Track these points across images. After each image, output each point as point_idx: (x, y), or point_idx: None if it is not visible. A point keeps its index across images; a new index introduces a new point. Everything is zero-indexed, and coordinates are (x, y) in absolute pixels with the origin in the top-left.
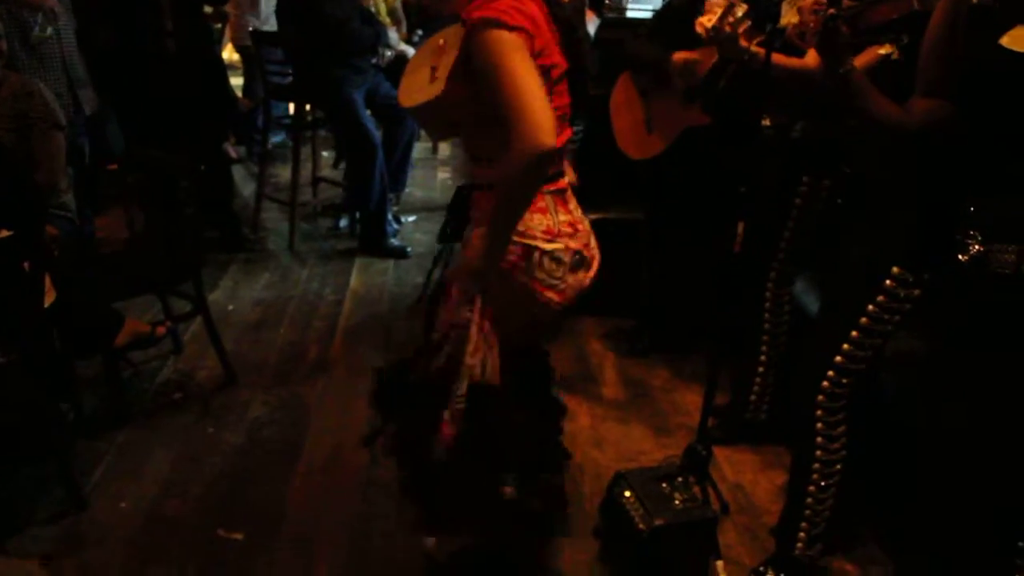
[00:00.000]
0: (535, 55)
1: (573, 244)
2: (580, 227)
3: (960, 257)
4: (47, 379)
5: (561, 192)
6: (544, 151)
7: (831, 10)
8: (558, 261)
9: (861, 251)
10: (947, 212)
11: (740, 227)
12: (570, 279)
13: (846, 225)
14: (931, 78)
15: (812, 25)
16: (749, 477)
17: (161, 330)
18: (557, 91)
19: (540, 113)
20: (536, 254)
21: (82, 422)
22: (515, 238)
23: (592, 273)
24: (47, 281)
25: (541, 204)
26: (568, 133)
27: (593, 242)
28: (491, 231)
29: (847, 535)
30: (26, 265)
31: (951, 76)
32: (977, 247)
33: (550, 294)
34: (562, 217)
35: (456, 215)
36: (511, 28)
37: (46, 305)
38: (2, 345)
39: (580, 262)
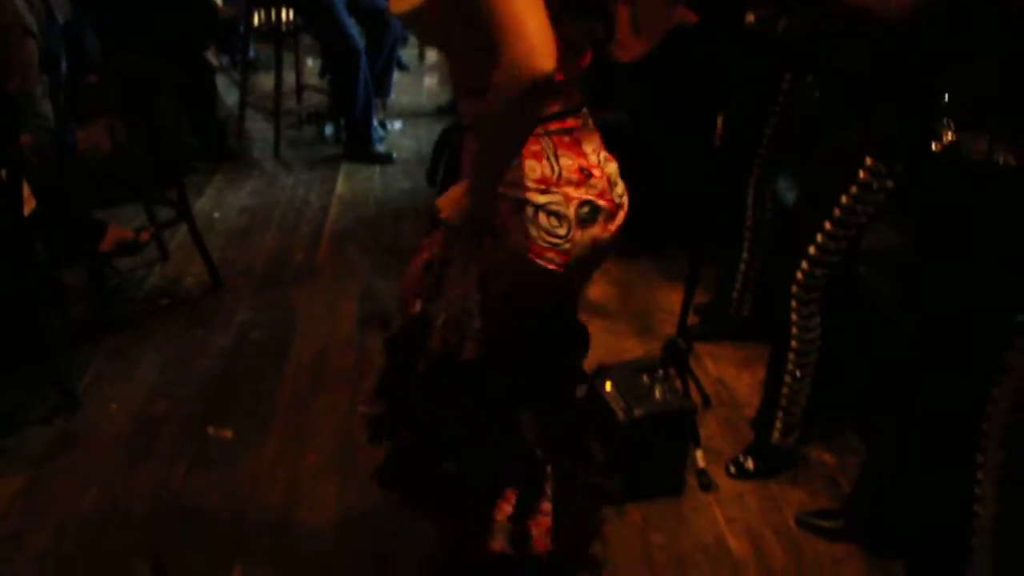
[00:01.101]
0: None
1: (580, 194)
2: (596, 173)
3: (934, 146)
4: (33, 285)
5: (569, 131)
6: (538, 76)
7: None
8: (557, 216)
9: (837, 143)
10: (922, 103)
11: (720, 121)
12: (578, 235)
13: (824, 118)
14: None
15: None
16: (731, 372)
17: (145, 236)
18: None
19: (535, 31)
20: (528, 209)
21: (71, 329)
22: (502, 190)
23: (615, 226)
24: (26, 189)
25: (535, 147)
26: (588, 58)
27: (618, 190)
28: (473, 180)
29: (825, 425)
30: (2, 173)
31: None
32: (950, 135)
33: (550, 254)
34: (567, 162)
35: (440, 160)
36: None
37: (26, 213)
38: None
39: (592, 214)
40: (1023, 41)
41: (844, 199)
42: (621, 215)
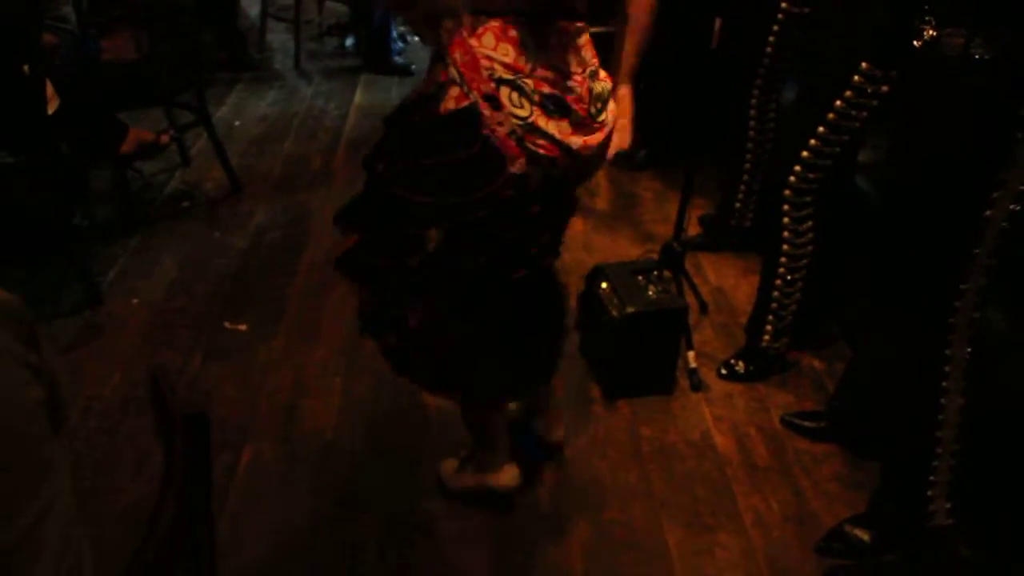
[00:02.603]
0: None
1: (550, 90)
2: (576, 79)
3: (915, 43)
4: (57, 182)
5: (558, 34)
6: None
7: None
8: (520, 92)
9: (832, 48)
10: (906, 3)
11: (717, 24)
12: (541, 121)
13: (820, 24)
14: None
15: None
16: (731, 281)
17: (165, 138)
18: None
19: None
20: (493, 84)
21: (96, 228)
22: (479, 61)
23: (595, 140)
24: (50, 88)
25: (512, 33)
26: None
27: (598, 105)
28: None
29: (817, 333)
30: (26, 68)
31: None
32: (930, 31)
33: (510, 140)
34: (544, 60)
35: None
36: None
37: (50, 112)
38: (9, 146)
39: (559, 109)
40: None
41: (838, 103)
42: (600, 135)
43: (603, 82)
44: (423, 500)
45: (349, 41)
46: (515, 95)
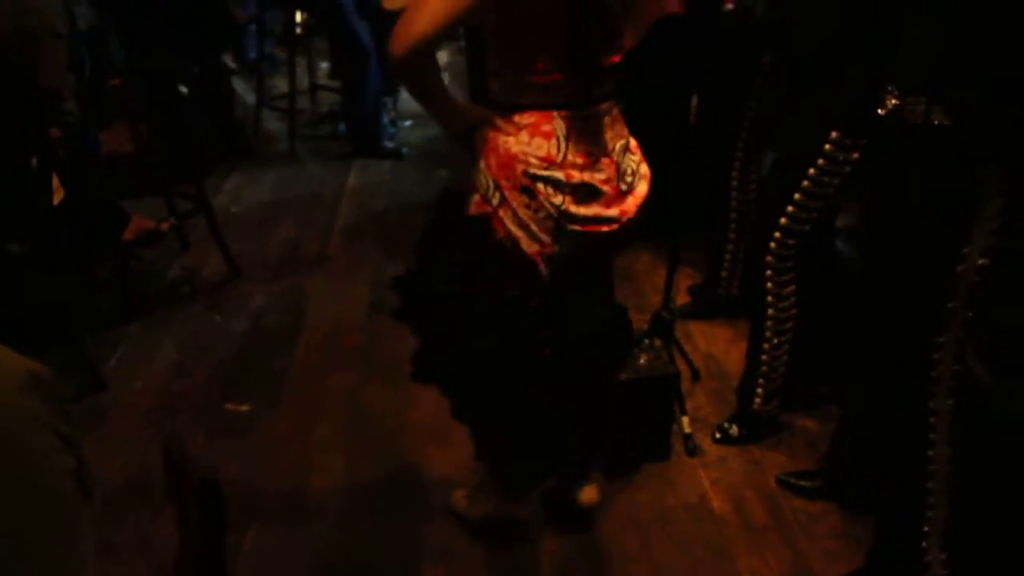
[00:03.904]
0: None
1: (583, 176)
2: (604, 160)
3: (879, 111)
4: (62, 270)
5: (587, 117)
6: (393, 57)
7: None
8: (555, 185)
9: (804, 119)
10: (870, 75)
11: (694, 101)
12: (573, 208)
13: (793, 96)
14: None
15: None
16: (721, 348)
17: (165, 225)
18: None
19: (412, 20)
20: (527, 180)
21: (98, 316)
22: (512, 161)
23: (628, 207)
24: (55, 180)
25: (546, 127)
26: (617, 56)
27: (627, 177)
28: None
29: (807, 394)
30: (33, 160)
31: None
32: (893, 100)
33: (544, 234)
34: (576, 146)
35: None
36: None
37: (55, 203)
38: (17, 236)
39: (591, 195)
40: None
41: (812, 171)
42: (630, 200)
43: (632, 154)
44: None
45: (342, 127)
46: (549, 188)
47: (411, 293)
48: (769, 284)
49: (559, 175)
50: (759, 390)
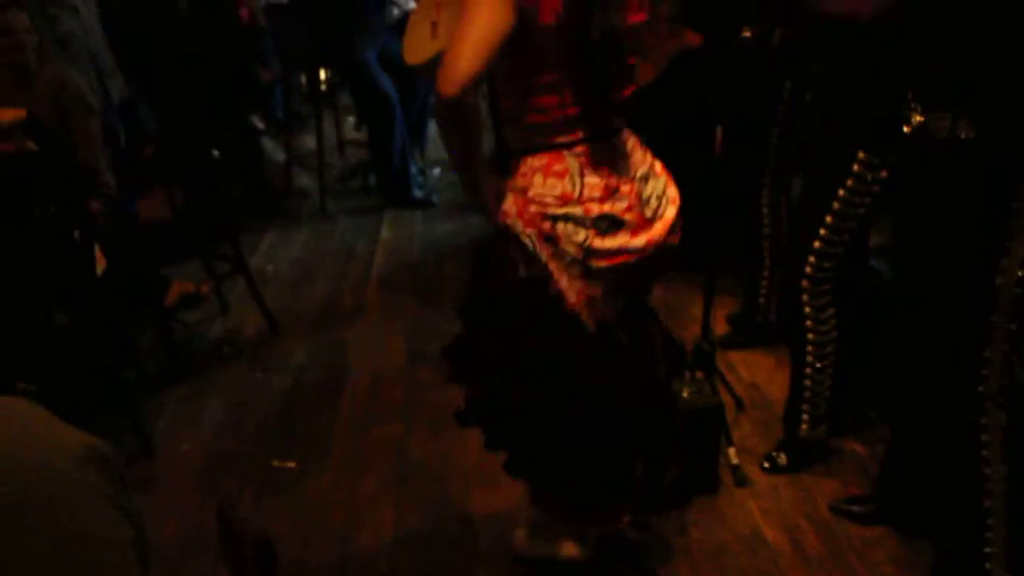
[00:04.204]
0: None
1: (602, 208)
2: (624, 189)
3: (905, 129)
4: (107, 338)
5: (598, 153)
6: (444, 99)
7: None
8: (575, 221)
9: (831, 140)
10: (894, 93)
11: (719, 132)
12: (598, 242)
13: (817, 119)
14: None
15: None
16: (764, 376)
17: (205, 288)
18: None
19: (457, 58)
20: (549, 222)
21: (144, 380)
22: (530, 207)
23: (655, 234)
24: (98, 251)
25: (558, 167)
26: (631, 89)
27: (652, 204)
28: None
29: (856, 418)
30: (76, 234)
31: None
32: (918, 117)
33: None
34: (592, 180)
35: None
36: None
37: (98, 273)
38: (64, 307)
39: (613, 226)
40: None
41: (842, 192)
42: (658, 226)
43: (657, 178)
44: None
45: (372, 180)
46: (569, 226)
47: (460, 359)
48: (807, 309)
49: (578, 211)
50: (805, 416)
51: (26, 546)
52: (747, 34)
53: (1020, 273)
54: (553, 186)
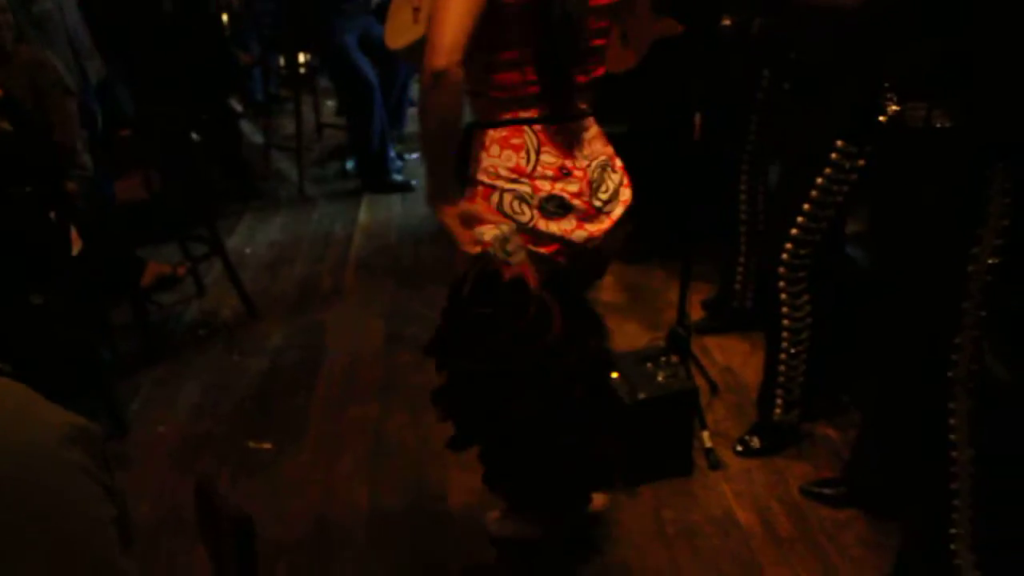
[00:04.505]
0: None
1: (550, 188)
2: (577, 174)
3: (881, 119)
4: (83, 319)
5: (560, 132)
6: (433, 71)
7: None
8: (520, 199)
9: (808, 129)
10: (871, 83)
11: (697, 118)
12: (542, 224)
13: (796, 107)
14: None
15: None
16: (738, 360)
17: (181, 270)
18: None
19: (441, 30)
20: (495, 194)
21: (120, 361)
22: (479, 176)
23: (599, 229)
24: (73, 232)
25: (516, 140)
26: (601, 70)
27: (603, 196)
28: (426, 167)
29: (827, 402)
30: (52, 214)
31: None
32: (894, 107)
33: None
34: (547, 158)
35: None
36: None
37: (74, 253)
38: (39, 287)
39: (560, 209)
40: (952, 22)
41: (819, 180)
42: (607, 221)
43: (613, 173)
44: None
45: (350, 164)
46: (516, 202)
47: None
48: (783, 295)
49: (526, 188)
50: (778, 401)
51: (9, 522)
52: (727, 22)
53: (991, 261)
54: (508, 158)
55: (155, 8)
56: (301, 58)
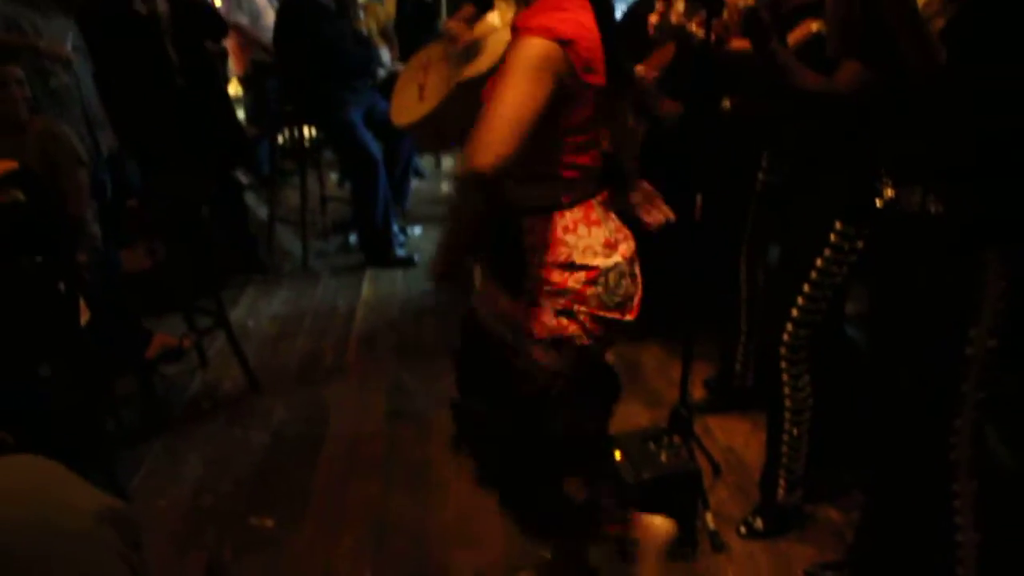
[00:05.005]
0: (583, 69)
1: (625, 253)
2: (620, 236)
3: (877, 202)
4: (89, 391)
5: (605, 201)
6: (477, 172)
7: (750, 1)
8: (621, 274)
9: (808, 210)
10: (867, 167)
11: (699, 198)
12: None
13: (796, 190)
14: (837, 43)
15: (735, 18)
16: (740, 440)
17: (187, 342)
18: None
19: (498, 135)
20: (602, 275)
21: (123, 432)
22: (577, 260)
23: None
24: (81, 303)
25: (593, 216)
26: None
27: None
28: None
29: (832, 484)
30: (61, 286)
31: (855, 38)
32: (890, 191)
33: (613, 315)
34: (611, 224)
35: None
36: (562, 41)
37: (82, 324)
38: (46, 358)
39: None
40: (946, 108)
41: (819, 262)
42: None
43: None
44: None
45: (353, 238)
46: (619, 278)
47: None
48: (784, 376)
49: (620, 260)
50: (781, 481)
51: None
52: (727, 104)
53: (989, 343)
54: (597, 236)
55: (168, 81)
56: (306, 132)
